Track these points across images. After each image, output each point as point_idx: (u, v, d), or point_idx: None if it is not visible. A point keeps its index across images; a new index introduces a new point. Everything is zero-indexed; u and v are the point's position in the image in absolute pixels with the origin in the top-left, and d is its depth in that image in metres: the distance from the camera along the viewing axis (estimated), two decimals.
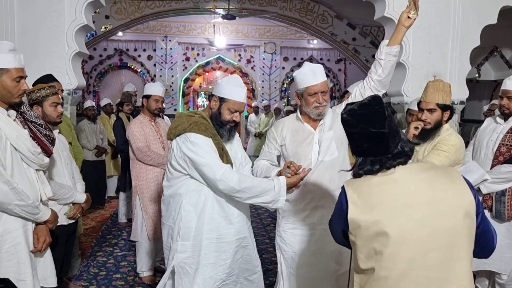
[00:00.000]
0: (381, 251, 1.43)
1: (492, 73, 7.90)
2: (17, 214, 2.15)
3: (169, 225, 2.49)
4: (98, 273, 4.11)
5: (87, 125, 6.48)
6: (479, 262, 3.18)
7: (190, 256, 2.40)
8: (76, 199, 2.95)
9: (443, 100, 2.77)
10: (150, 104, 3.93)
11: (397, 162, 1.51)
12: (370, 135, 1.50)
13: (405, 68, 4.14)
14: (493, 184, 3.08)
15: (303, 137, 2.64)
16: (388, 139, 1.49)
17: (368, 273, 1.48)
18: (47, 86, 2.73)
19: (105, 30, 9.21)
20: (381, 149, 1.50)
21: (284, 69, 13.15)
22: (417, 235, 1.41)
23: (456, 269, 1.43)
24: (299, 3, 9.42)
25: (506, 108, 3.15)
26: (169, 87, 12.28)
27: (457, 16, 4.11)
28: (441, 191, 1.46)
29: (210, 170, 2.32)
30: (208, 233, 2.41)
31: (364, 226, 1.45)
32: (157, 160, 3.81)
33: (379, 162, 1.51)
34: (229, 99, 2.43)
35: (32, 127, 2.28)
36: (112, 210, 6.55)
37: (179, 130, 2.39)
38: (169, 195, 2.49)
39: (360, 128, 1.51)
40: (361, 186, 1.52)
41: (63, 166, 2.90)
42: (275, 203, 2.38)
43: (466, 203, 1.45)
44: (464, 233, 1.44)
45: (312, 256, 2.58)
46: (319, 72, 2.53)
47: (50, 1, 3.85)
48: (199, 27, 12.22)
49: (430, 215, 1.43)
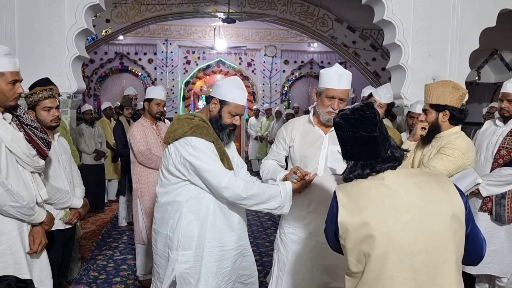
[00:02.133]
0: (369, 254, 1.44)
1: (492, 76, 7.90)
2: (12, 215, 2.17)
3: (165, 234, 2.36)
4: (98, 276, 4.11)
5: (85, 129, 6.48)
6: (479, 266, 3.14)
7: (192, 266, 2.30)
8: (73, 204, 2.89)
9: (437, 99, 2.63)
10: (151, 108, 3.93)
11: (387, 166, 1.53)
12: (361, 139, 1.52)
13: (404, 71, 4.15)
14: (493, 187, 3.07)
15: (312, 140, 2.56)
16: (378, 142, 1.52)
17: (358, 275, 1.49)
18: (40, 90, 2.71)
19: (106, 33, 9.22)
20: (371, 153, 1.53)
21: (284, 72, 13.16)
22: (405, 238, 1.43)
23: (443, 273, 1.43)
24: (299, 7, 9.44)
25: (506, 111, 3.15)
26: (169, 90, 12.30)
27: (456, 19, 4.12)
28: (430, 195, 1.48)
29: (214, 177, 2.23)
30: (210, 241, 2.32)
31: (352, 228, 1.46)
32: (158, 163, 3.80)
33: (369, 166, 1.54)
34: (230, 102, 2.34)
35: (28, 130, 2.30)
36: (112, 214, 6.55)
37: (179, 133, 2.28)
38: (166, 203, 2.36)
39: (352, 131, 1.53)
40: (351, 190, 1.54)
41: (61, 170, 2.87)
42: (281, 209, 2.34)
43: (454, 208, 1.46)
44: (451, 236, 1.45)
45: (303, 265, 2.52)
46: (345, 79, 2.45)
47: (50, 5, 3.86)
48: (199, 31, 12.24)
49: (418, 218, 1.44)
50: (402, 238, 1.42)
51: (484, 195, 3.12)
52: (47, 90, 2.74)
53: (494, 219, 3.14)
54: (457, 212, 1.46)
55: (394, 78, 4.44)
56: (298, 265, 2.54)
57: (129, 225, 5.62)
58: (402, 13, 4.09)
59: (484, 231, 3.14)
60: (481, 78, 7.83)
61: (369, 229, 1.43)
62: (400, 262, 1.42)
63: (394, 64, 4.27)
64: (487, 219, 3.18)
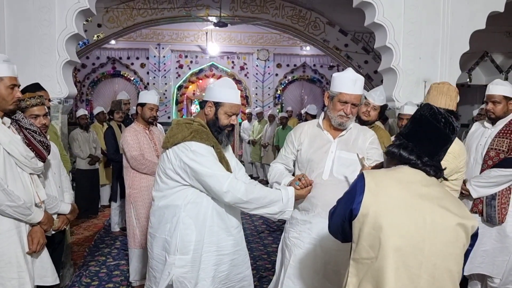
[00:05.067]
0: (386, 243, 1.48)
1: (483, 78, 7.96)
2: (9, 215, 2.27)
3: (163, 238, 2.35)
4: (91, 283, 4.07)
5: (79, 134, 6.45)
6: (471, 266, 3.19)
7: (189, 270, 2.29)
8: (61, 209, 2.86)
9: (446, 104, 2.60)
10: (144, 112, 3.92)
11: (425, 169, 1.57)
12: (439, 132, 1.56)
13: (396, 74, 4.16)
14: (483, 188, 3.09)
15: (320, 144, 2.55)
16: (445, 143, 1.58)
17: (368, 262, 1.52)
18: (28, 97, 2.71)
19: (98, 38, 9.20)
20: (432, 148, 1.58)
21: (277, 76, 13.19)
22: (422, 237, 1.48)
23: (446, 281, 1.50)
24: (291, 10, 9.46)
25: (492, 113, 3.18)
26: (162, 94, 12.27)
27: (446, 22, 4.15)
28: (451, 206, 1.54)
29: (216, 181, 2.22)
30: (208, 246, 2.32)
31: (373, 214, 1.51)
32: (151, 168, 3.79)
33: (416, 154, 1.56)
34: (225, 103, 2.34)
35: (27, 134, 2.41)
36: (105, 219, 6.51)
37: (178, 138, 2.27)
38: (164, 206, 2.35)
39: (443, 123, 1.55)
40: (381, 177, 1.59)
41: (50, 175, 2.87)
42: (282, 214, 2.33)
43: (470, 223, 1.52)
44: (460, 247, 1.51)
45: (303, 270, 2.51)
46: (359, 84, 2.45)
47: (41, 10, 3.84)
48: (192, 35, 12.24)
49: (435, 220, 1.49)
50: (420, 236, 1.48)
51: (475, 197, 3.14)
52: (35, 97, 2.75)
53: (485, 220, 3.16)
54: (469, 227, 1.52)
55: (385, 80, 4.46)
56: (300, 270, 2.53)
57: (122, 231, 5.58)
58: (392, 16, 4.10)
59: None
60: (472, 80, 7.90)
61: (390, 219, 1.49)
62: (413, 257, 1.48)
63: (386, 67, 4.29)
64: (478, 220, 3.19)
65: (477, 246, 3.12)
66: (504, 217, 3.09)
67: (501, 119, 3.17)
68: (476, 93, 8.35)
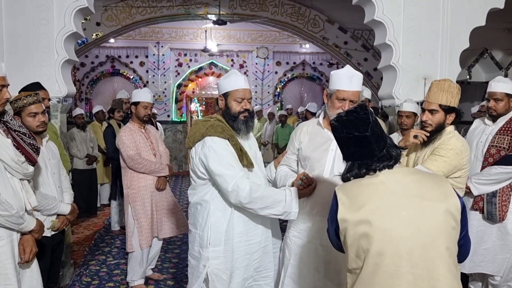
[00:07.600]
0: (368, 249, 1.49)
1: (483, 75, 7.95)
2: (1, 224, 2.14)
3: (197, 233, 2.46)
4: (91, 282, 4.07)
5: (77, 134, 6.43)
6: (472, 265, 3.19)
7: (223, 262, 2.40)
8: (60, 210, 2.83)
9: (447, 101, 2.56)
10: (139, 111, 3.89)
11: (383, 165, 1.58)
12: (355, 139, 1.57)
13: (395, 71, 4.15)
14: (484, 185, 3.08)
15: (320, 142, 2.54)
16: (371, 142, 1.56)
17: (358, 271, 1.54)
18: (24, 96, 2.64)
19: (97, 37, 9.16)
20: (366, 153, 1.58)
21: (277, 74, 13.15)
22: (402, 234, 1.48)
23: (440, 267, 1.48)
24: (290, 8, 9.44)
25: (494, 110, 3.17)
26: (162, 93, 12.25)
27: (446, 18, 4.13)
28: (426, 192, 1.53)
29: (223, 181, 2.31)
30: (238, 236, 2.43)
31: (351, 225, 1.52)
32: (149, 167, 3.78)
33: (365, 166, 1.60)
34: (231, 90, 2.43)
35: (16, 136, 2.27)
36: (105, 218, 6.51)
37: (197, 136, 2.39)
38: (196, 203, 2.48)
39: (346, 132, 1.59)
40: (350, 188, 1.61)
41: (49, 176, 2.81)
42: (287, 215, 2.36)
43: (450, 205, 1.51)
44: (446, 232, 1.50)
45: (304, 269, 2.50)
46: (356, 80, 2.44)
47: (39, 9, 3.82)
48: (191, 33, 12.20)
49: (414, 214, 1.49)
50: (400, 233, 1.48)
51: (475, 194, 3.13)
52: (31, 95, 2.67)
53: (485, 218, 3.15)
54: (452, 209, 1.51)
55: (385, 78, 4.45)
56: (300, 269, 2.52)
57: (122, 230, 5.58)
58: (392, 13, 4.09)
59: (476, 230, 3.18)
60: (472, 77, 7.88)
61: (367, 225, 1.49)
62: (398, 257, 1.47)
63: (385, 64, 4.28)
64: (478, 217, 3.19)
65: (477, 244, 3.14)
66: (505, 214, 3.08)
67: (502, 116, 3.16)
68: (476, 90, 8.33)
